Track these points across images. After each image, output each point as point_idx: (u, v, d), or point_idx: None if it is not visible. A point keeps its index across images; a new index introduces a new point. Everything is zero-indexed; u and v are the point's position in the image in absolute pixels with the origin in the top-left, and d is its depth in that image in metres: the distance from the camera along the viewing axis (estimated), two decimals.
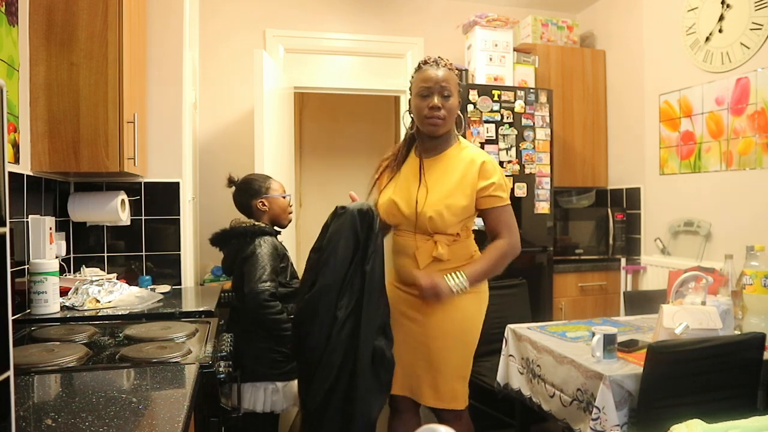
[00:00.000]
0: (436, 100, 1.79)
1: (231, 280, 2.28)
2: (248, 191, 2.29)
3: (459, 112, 1.90)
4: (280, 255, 2.18)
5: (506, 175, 3.35)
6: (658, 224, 3.37)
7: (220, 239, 2.24)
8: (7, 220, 0.61)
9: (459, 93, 1.88)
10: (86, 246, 2.50)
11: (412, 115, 1.92)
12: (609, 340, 1.77)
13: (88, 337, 1.59)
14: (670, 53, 3.22)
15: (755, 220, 2.68)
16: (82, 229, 2.48)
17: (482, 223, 1.95)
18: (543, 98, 3.43)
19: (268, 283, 2.05)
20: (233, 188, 2.33)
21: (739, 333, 1.94)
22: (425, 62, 1.88)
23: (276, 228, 2.30)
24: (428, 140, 1.91)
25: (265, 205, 2.27)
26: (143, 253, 2.56)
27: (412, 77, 1.91)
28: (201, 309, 2.04)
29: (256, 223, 2.20)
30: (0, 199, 0.62)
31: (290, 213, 2.36)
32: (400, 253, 1.93)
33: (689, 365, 1.66)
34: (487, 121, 3.29)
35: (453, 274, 1.79)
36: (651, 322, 2.21)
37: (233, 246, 2.20)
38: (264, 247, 2.11)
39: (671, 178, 3.25)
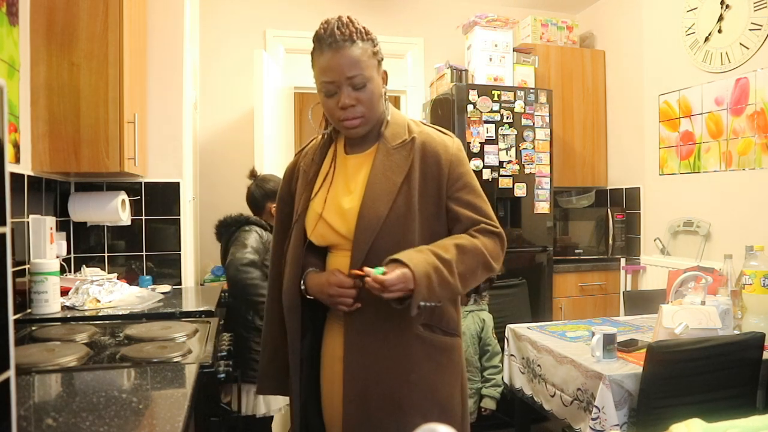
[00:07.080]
0: (345, 97, 1.26)
1: None
2: (266, 189, 2.39)
3: (383, 91, 1.32)
4: (264, 244, 2.25)
5: (506, 176, 3.36)
6: (657, 224, 3.37)
7: (218, 230, 2.39)
8: (8, 220, 0.61)
9: (379, 65, 1.32)
10: (87, 246, 2.50)
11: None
12: (608, 340, 1.78)
13: (88, 336, 1.59)
14: (670, 53, 3.23)
15: (755, 220, 2.68)
16: (82, 229, 2.48)
17: None
18: (543, 98, 3.43)
19: (249, 254, 2.15)
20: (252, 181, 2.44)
21: (739, 333, 1.94)
22: (319, 38, 1.28)
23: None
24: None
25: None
26: (144, 253, 2.56)
27: (312, 57, 1.32)
28: (201, 309, 2.04)
29: (246, 215, 2.33)
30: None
31: None
32: None
33: (689, 365, 1.66)
34: (486, 122, 3.30)
35: None
36: (651, 322, 2.21)
37: (224, 238, 2.34)
38: (250, 233, 2.23)
39: (671, 178, 3.25)
